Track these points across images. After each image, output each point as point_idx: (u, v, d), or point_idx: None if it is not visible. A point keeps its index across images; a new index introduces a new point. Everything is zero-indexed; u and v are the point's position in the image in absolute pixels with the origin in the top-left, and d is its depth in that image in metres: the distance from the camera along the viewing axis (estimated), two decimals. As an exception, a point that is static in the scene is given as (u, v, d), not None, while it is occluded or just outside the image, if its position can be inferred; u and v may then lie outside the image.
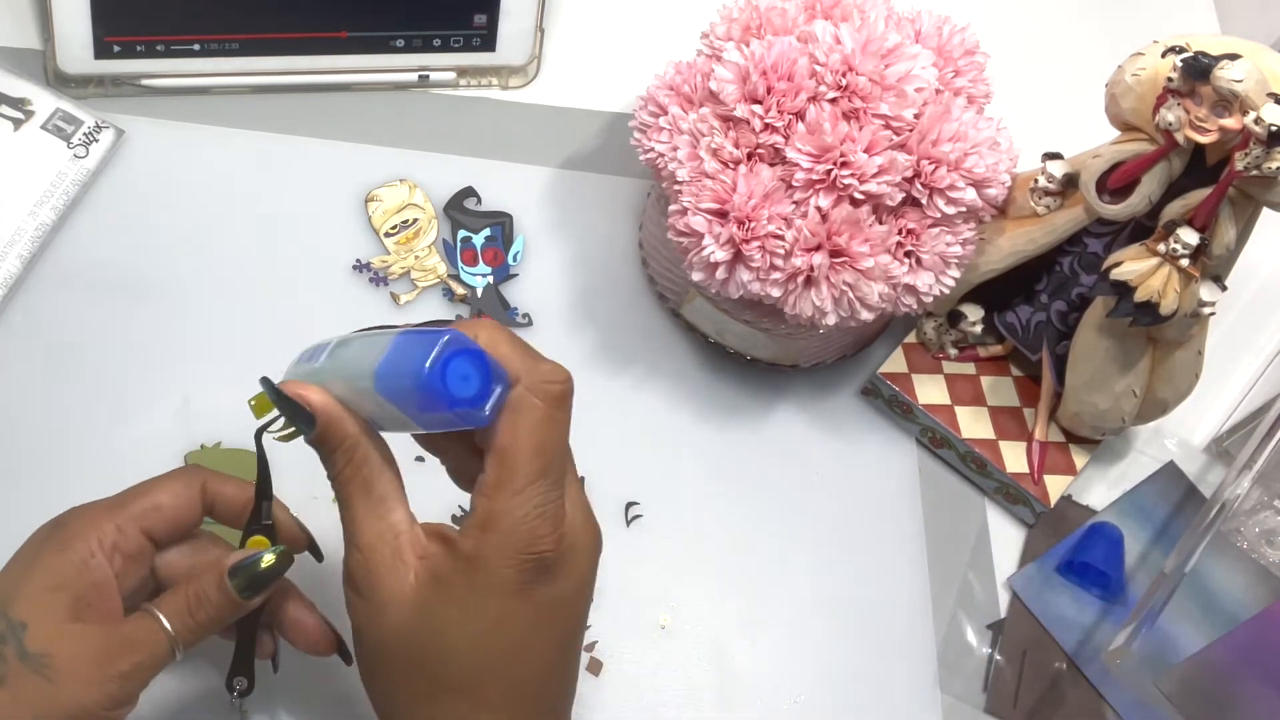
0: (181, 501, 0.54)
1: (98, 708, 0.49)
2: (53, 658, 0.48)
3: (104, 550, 0.51)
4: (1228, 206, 0.63)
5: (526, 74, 0.83)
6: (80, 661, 0.49)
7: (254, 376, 0.69)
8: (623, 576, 0.69)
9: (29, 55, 0.76)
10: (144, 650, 0.50)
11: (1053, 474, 0.74)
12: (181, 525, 0.54)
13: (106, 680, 0.49)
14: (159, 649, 0.51)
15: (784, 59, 0.64)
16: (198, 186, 0.75)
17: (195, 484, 0.55)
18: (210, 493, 0.55)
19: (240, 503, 0.55)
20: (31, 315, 0.70)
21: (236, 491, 0.55)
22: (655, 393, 0.75)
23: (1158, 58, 0.63)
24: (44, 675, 0.48)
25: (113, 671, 0.49)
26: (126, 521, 0.52)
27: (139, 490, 0.54)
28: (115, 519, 0.52)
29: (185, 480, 0.55)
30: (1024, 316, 0.74)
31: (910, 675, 0.70)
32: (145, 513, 0.53)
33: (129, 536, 0.52)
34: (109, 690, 0.49)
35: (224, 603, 0.52)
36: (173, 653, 0.51)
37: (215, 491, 0.55)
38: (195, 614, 0.51)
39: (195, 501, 0.54)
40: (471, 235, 0.77)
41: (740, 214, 0.64)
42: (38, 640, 0.49)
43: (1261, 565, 0.74)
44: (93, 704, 0.49)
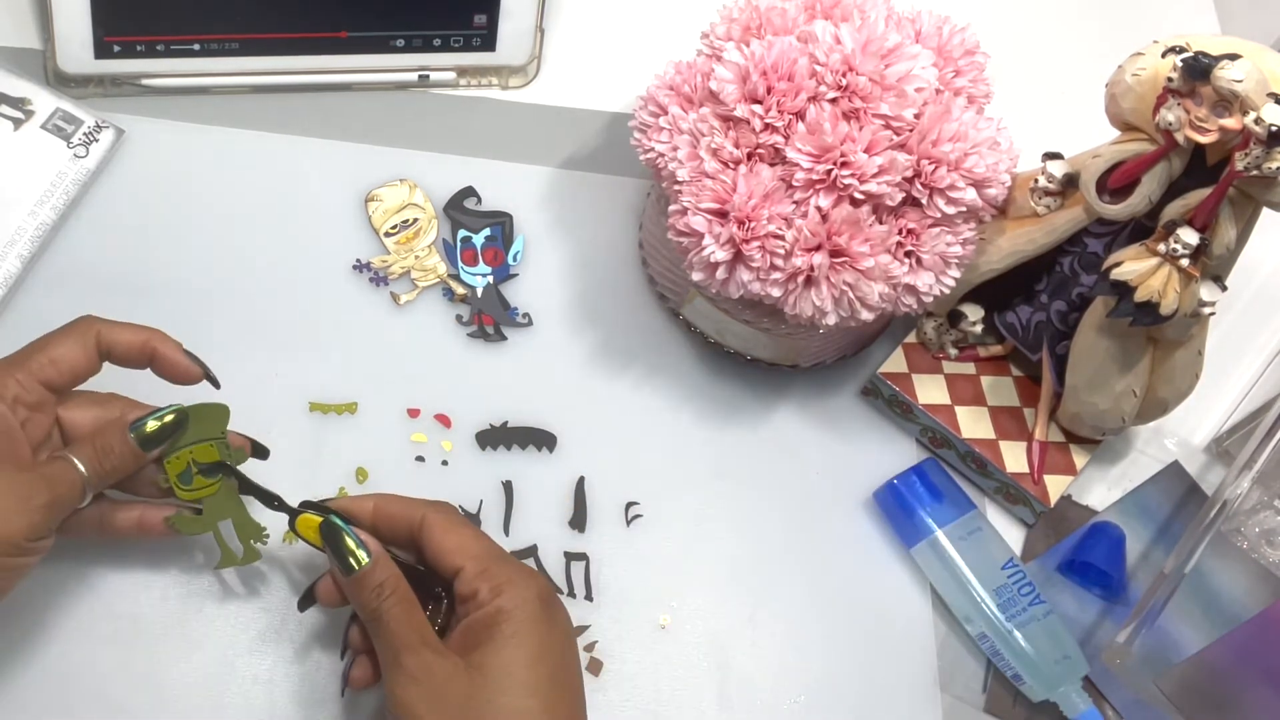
0: (77, 352, 0.58)
1: (20, 537, 0.53)
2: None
3: (6, 403, 0.56)
4: (1228, 206, 0.63)
5: (526, 74, 0.83)
6: (2, 497, 0.53)
7: (254, 376, 0.69)
8: (623, 576, 0.69)
9: (29, 55, 0.76)
10: (60, 486, 0.55)
11: (1053, 474, 0.74)
12: (79, 374, 0.58)
13: (29, 511, 0.53)
14: (73, 488, 0.55)
15: (784, 59, 0.64)
16: (198, 186, 0.75)
17: (90, 334, 0.58)
18: (105, 340, 0.58)
19: (136, 345, 0.59)
20: (31, 315, 0.69)
21: (131, 336, 0.59)
22: (655, 393, 0.75)
23: (1158, 58, 0.63)
24: None
25: (33, 504, 0.53)
26: (24, 376, 0.56)
27: (35, 345, 0.58)
28: (14, 374, 0.56)
29: (79, 331, 0.58)
30: (1024, 316, 0.74)
31: (910, 675, 0.70)
32: (42, 366, 0.57)
33: (28, 389, 0.56)
34: (31, 520, 0.53)
35: (126, 452, 0.57)
36: (84, 493, 0.56)
37: (109, 339, 0.58)
38: (103, 461, 0.56)
39: (91, 350, 0.58)
40: (471, 235, 0.77)
41: (740, 214, 0.64)
42: None
43: (1261, 565, 0.74)
44: (16, 533, 0.53)
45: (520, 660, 0.55)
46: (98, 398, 0.60)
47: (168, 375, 0.60)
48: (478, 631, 0.56)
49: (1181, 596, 0.70)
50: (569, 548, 0.69)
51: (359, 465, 0.69)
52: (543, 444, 0.72)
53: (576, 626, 0.67)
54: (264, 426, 0.68)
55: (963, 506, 0.72)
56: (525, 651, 0.55)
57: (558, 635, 0.57)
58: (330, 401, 0.70)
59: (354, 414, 0.70)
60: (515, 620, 0.55)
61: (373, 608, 0.56)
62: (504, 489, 0.70)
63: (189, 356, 0.60)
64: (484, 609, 0.56)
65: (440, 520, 0.59)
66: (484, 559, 0.58)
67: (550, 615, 0.57)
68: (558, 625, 0.57)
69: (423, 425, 0.71)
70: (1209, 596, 0.72)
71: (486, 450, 0.71)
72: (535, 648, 0.55)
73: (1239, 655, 0.69)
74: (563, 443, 0.72)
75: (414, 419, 0.71)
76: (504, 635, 0.55)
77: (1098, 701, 0.69)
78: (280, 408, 0.69)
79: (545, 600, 0.57)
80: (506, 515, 0.70)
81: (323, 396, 0.70)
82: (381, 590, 0.56)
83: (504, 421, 0.72)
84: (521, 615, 0.56)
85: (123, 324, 0.59)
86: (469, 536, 0.59)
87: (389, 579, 0.57)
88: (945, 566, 0.70)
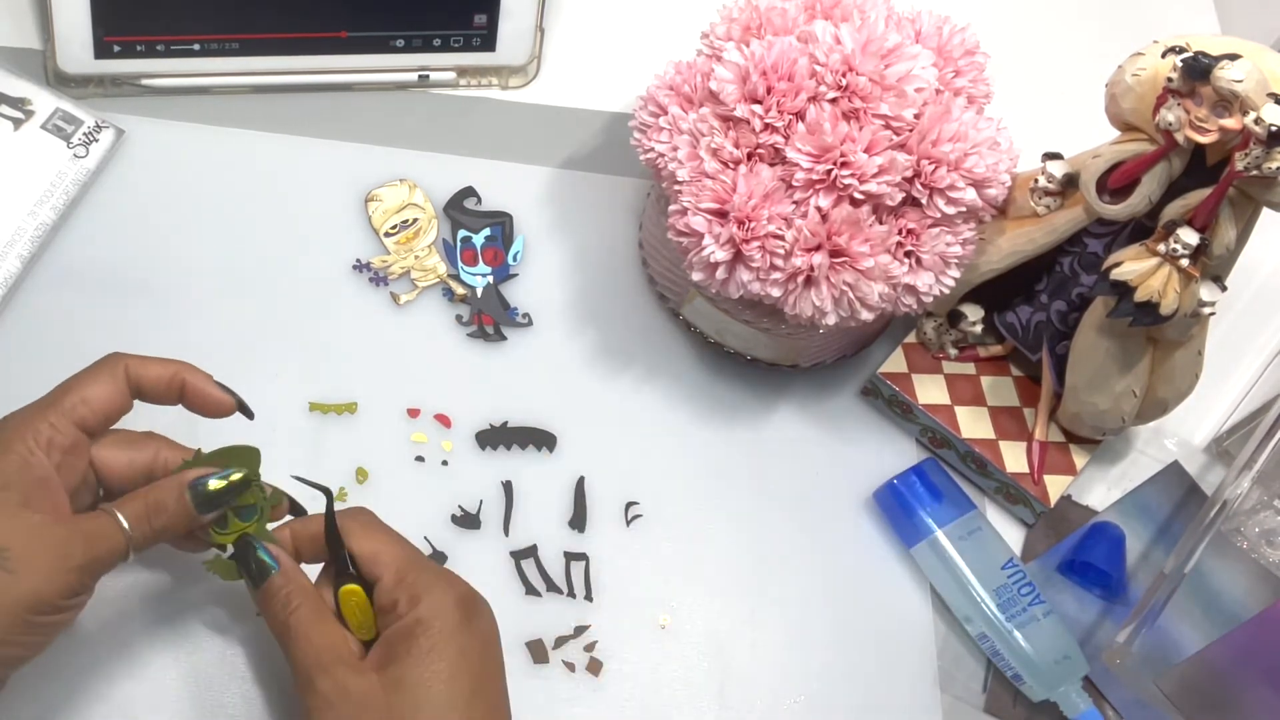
0: (109, 390, 0.56)
1: (56, 597, 0.51)
2: (10, 550, 0.50)
3: (41, 447, 0.53)
4: (1228, 206, 0.63)
5: (526, 74, 0.83)
6: (38, 553, 0.50)
7: (254, 376, 0.69)
8: (623, 576, 0.69)
9: (29, 55, 0.76)
10: (101, 546, 0.52)
11: (1053, 474, 0.74)
12: (112, 413, 0.56)
13: (65, 571, 0.51)
14: (115, 546, 0.53)
15: (784, 59, 0.64)
16: (198, 186, 0.75)
17: (119, 371, 0.56)
18: (134, 377, 0.56)
19: (165, 379, 0.57)
20: (31, 315, 0.69)
21: (160, 369, 0.57)
22: (655, 393, 0.75)
23: (1158, 58, 0.63)
24: (3, 567, 0.49)
25: (71, 563, 0.51)
26: (58, 417, 0.54)
27: (66, 386, 0.56)
28: (47, 417, 0.54)
29: (109, 368, 0.56)
30: (1024, 316, 0.74)
31: (910, 675, 0.70)
32: (75, 406, 0.55)
33: (62, 431, 0.54)
34: (67, 581, 0.51)
35: (180, 512, 0.55)
36: (127, 552, 0.53)
37: (139, 375, 0.56)
38: (153, 520, 0.54)
39: (123, 388, 0.56)
40: (471, 235, 0.77)
41: (740, 214, 0.64)
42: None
43: (1261, 565, 0.74)
44: (51, 593, 0.51)
45: (439, 674, 0.53)
46: (131, 437, 0.57)
47: (199, 409, 0.58)
48: (395, 645, 0.54)
49: (1181, 596, 0.70)
50: (569, 548, 0.69)
51: (359, 465, 0.69)
52: (543, 444, 0.72)
53: (576, 627, 0.67)
54: (264, 426, 0.68)
55: (963, 506, 0.72)
56: (445, 664, 0.53)
57: (477, 643, 0.55)
58: (330, 401, 0.70)
59: (354, 414, 0.70)
60: (433, 632, 0.54)
61: (280, 620, 0.55)
62: (504, 489, 0.70)
63: (220, 388, 0.58)
64: (402, 620, 0.54)
65: (355, 527, 0.57)
66: (402, 567, 0.56)
67: (469, 623, 0.55)
68: (477, 632, 0.56)
69: (423, 425, 0.71)
70: (1209, 596, 0.72)
71: (486, 450, 0.71)
72: (454, 659, 0.54)
73: (1239, 655, 0.69)
74: (563, 443, 0.72)
75: (414, 419, 0.71)
76: (421, 649, 0.53)
77: (1098, 701, 0.69)
78: (280, 408, 0.69)
79: (464, 607, 0.56)
80: (506, 515, 0.70)
81: (323, 396, 0.70)
82: (289, 601, 0.55)
83: (504, 421, 0.72)
84: (439, 625, 0.54)
85: (151, 358, 0.57)
86: (385, 542, 0.57)
87: (296, 590, 0.55)
88: (945, 566, 0.70)
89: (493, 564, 0.68)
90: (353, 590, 0.57)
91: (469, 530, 0.69)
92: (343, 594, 0.57)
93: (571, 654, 0.67)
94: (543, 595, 0.68)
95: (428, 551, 0.67)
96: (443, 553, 0.68)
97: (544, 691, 0.65)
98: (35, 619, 0.50)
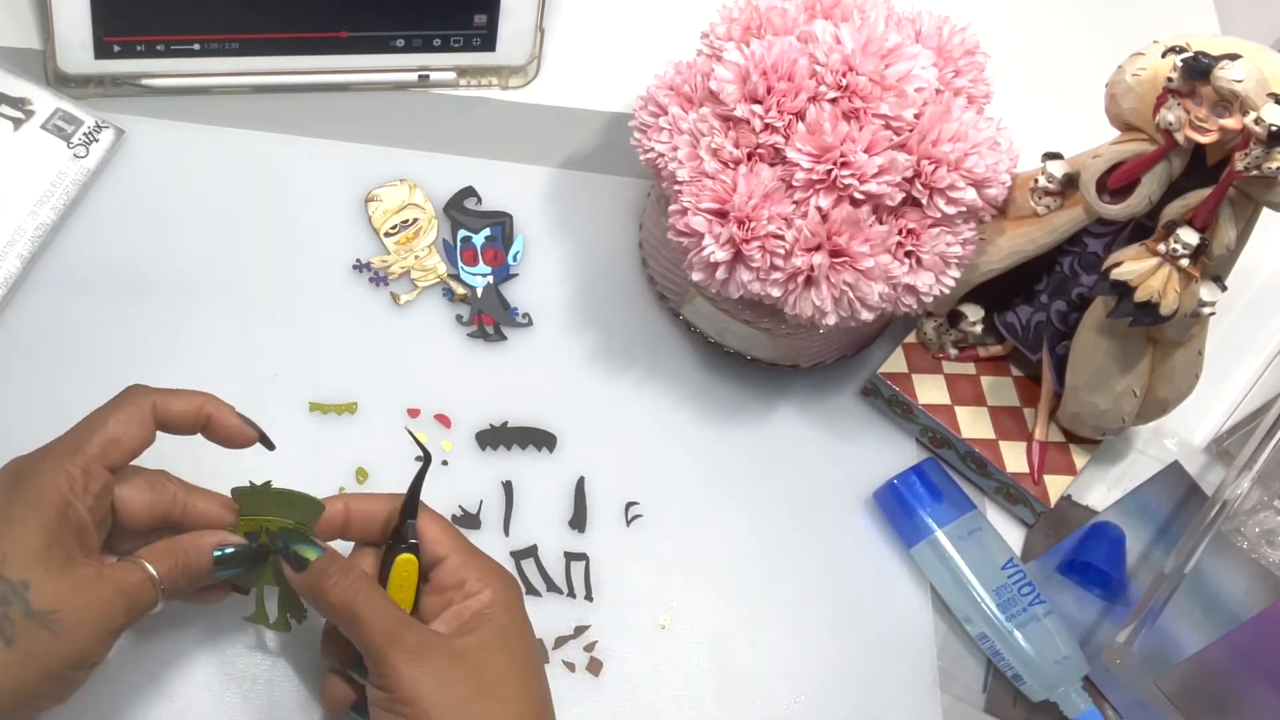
0: (136, 429, 0.55)
1: (94, 655, 0.52)
2: (61, 613, 0.50)
3: (77, 495, 0.52)
4: (1228, 206, 0.63)
5: (526, 74, 0.83)
6: (86, 612, 0.51)
7: (254, 376, 0.69)
8: (623, 576, 0.69)
9: (29, 55, 0.76)
10: (138, 601, 0.53)
11: (1053, 474, 0.74)
12: (139, 451, 0.56)
13: (108, 632, 0.52)
14: (147, 599, 0.54)
15: (784, 59, 0.64)
16: (198, 186, 0.75)
17: (146, 407, 0.56)
18: (160, 412, 0.56)
19: (190, 414, 0.57)
20: (31, 315, 0.69)
21: (185, 404, 0.57)
22: (655, 393, 0.75)
23: (1158, 58, 0.63)
24: (50, 630, 0.50)
25: (113, 625, 0.52)
26: (90, 462, 0.53)
27: (93, 426, 0.54)
28: (78, 462, 0.53)
29: (135, 405, 0.55)
30: (1024, 316, 0.74)
31: (910, 675, 0.70)
32: (105, 449, 0.54)
33: (95, 476, 0.53)
34: (106, 641, 0.52)
35: (204, 572, 0.56)
36: (156, 604, 0.54)
37: (165, 410, 0.56)
38: (180, 578, 0.55)
39: (149, 424, 0.56)
40: (471, 235, 0.77)
41: (740, 214, 0.64)
42: (44, 598, 0.50)
43: (1261, 565, 0.74)
44: (92, 651, 0.52)
45: (516, 647, 0.57)
46: (152, 479, 0.57)
47: (221, 440, 0.58)
48: (468, 619, 0.56)
49: (1181, 596, 0.70)
50: (569, 548, 0.69)
51: (359, 465, 0.69)
52: (543, 444, 0.72)
53: (576, 627, 0.67)
54: (264, 426, 0.68)
55: (963, 506, 0.72)
56: (520, 639, 0.57)
57: (531, 632, 0.59)
58: (330, 401, 0.70)
59: (354, 414, 0.70)
60: (505, 610, 0.57)
61: (344, 593, 0.55)
62: (504, 489, 0.70)
63: (242, 420, 0.58)
64: (475, 597, 0.57)
65: (421, 510, 0.59)
66: (466, 551, 0.59)
67: (525, 615, 0.59)
68: (530, 625, 0.59)
69: (423, 425, 0.71)
70: (1209, 596, 0.72)
71: (486, 450, 0.71)
72: (521, 639, 0.57)
73: (1239, 655, 0.69)
74: (563, 443, 0.72)
75: (414, 419, 0.71)
76: (498, 624, 0.56)
77: (1098, 701, 0.69)
78: (280, 408, 0.69)
79: (521, 598, 0.59)
80: (506, 515, 0.70)
81: (323, 396, 0.70)
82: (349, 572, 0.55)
83: (504, 421, 0.72)
84: (510, 610, 0.57)
85: (174, 391, 0.57)
86: (448, 529, 0.60)
87: (350, 567, 0.56)
88: (945, 566, 0.70)
89: (493, 564, 0.68)
90: (408, 560, 0.58)
91: (469, 530, 0.69)
92: (399, 563, 0.58)
93: (571, 654, 0.67)
94: (543, 595, 0.68)
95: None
96: (443, 553, 0.68)
97: (544, 691, 0.65)
98: (72, 674, 0.52)
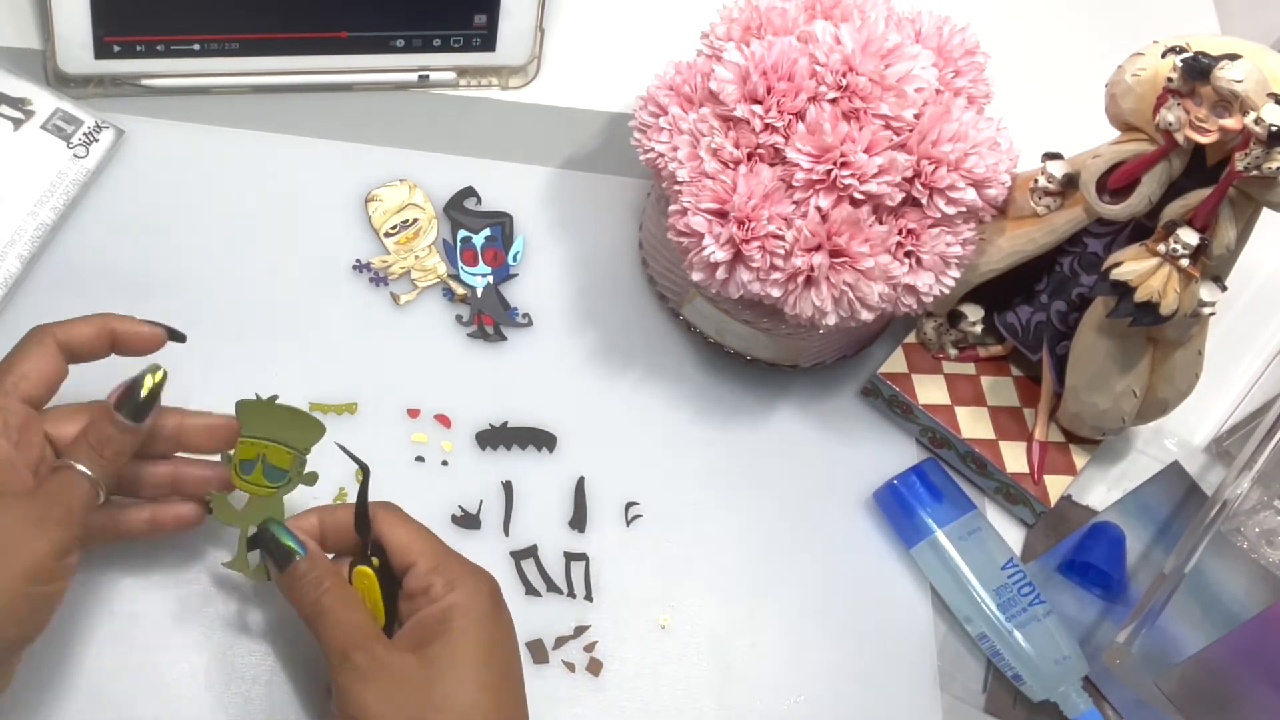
0: (43, 361, 0.56)
1: (48, 558, 0.52)
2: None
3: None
4: (1228, 207, 0.63)
5: (526, 74, 0.83)
6: (18, 528, 0.52)
7: (253, 376, 0.69)
8: (623, 576, 0.69)
9: (29, 55, 0.76)
10: (70, 495, 0.53)
11: (1053, 474, 0.74)
12: (52, 382, 0.57)
13: (46, 531, 0.52)
14: (82, 490, 0.54)
15: (784, 59, 0.64)
16: (198, 186, 0.75)
17: (48, 341, 0.57)
18: (64, 341, 0.57)
19: (93, 334, 0.57)
20: (31, 315, 0.69)
21: (85, 326, 0.57)
22: (655, 393, 0.75)
23: (1158, 58, 0.63)
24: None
25: (49, 522, 0.52)
26: (2, 399, 0.55)
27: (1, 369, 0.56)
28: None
29: (36, 340, 0.57)
30: (1024, 316, 0.74)
31: (910, 675, 0.70)
32: (15, 384, 0.56)
33: (11, 410, 0.55)
34: (52, 538, 0.52)
35: (121, 433, 0.55)
36: (97, 492, 0.54)
37: (67, 338, 0.57)
38: (103, 451, 0.54)
39: (55, 355, 0.57)
40: (471, 235, 0.77)
41: (740, 214, 0.64)
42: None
43: (1261, 565, 0.74)
44: (43, 555, 0.51)
45: (474, 656, 0.55)
46: (82, 407, 0.58)
47: (136, 350, 0.59)
48: (430, 626, 0.56)
49: (1181, 596, 0.70)
50: (569, 548, 0.69)
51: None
52: (543, 444, 0.72)
53: (576, 627, 0.67)
54: (264, 426, 0.68)
55: (963, 507, 0.72)
56: (479, 648, 0.56)
57: (505, 633, 0.58)
58: (330, 401, 0.70)
59: (354, 414, 0.70)
60: (469, 616, 0.56)
61: (311, 600, 0.56)
62: (504, 489, 0.70)
63: (147, 324, 0.59)
64: (437, 604, 0.56)
65: (389, 516, 0.59)
66: (435, 555, 0.58)
67: (499, 613, 0.57)
68: (504, 623, 0.58)
69: (423, 425, 0.71)
70: (1209, 596, 0.72)
71: (486, 450, 0.71)
72: (487, 644, 0.56)
73: (1239, 655, 0.69)
74: (563, 443, 0.72)
75: (414, 419, 0.71)
76: (458, 630, 0.55)
77: (1098, 701, 0.69)
78: (280, 408, 0.69)
79: (495, 598, 0.58)
80: (506, 515, 0.70)
81: (323, 396, 0.70)
82: (319, 582, 0.56)
83: (504, 421, 0.72)
84: (474, 611, 0.56)
85: (74, 320, 0.58)
86: (418, 533, 0.59)
87: (325, 572, 0.56)
88: (945, 566, 0.70)
89: (493, 564, 0.68)
90: (364, 572, 0.58)
91: (469, 530, 0.69)
92: (356, 574, 0.58)
93: (571, 654, 0.67)
94: (543, 595, 0.68)
95: (428, 551, 0.68)
96: (443, 553, 0.68)
97: (544, 691, 0.65)
98: (33, 590, 0.51)
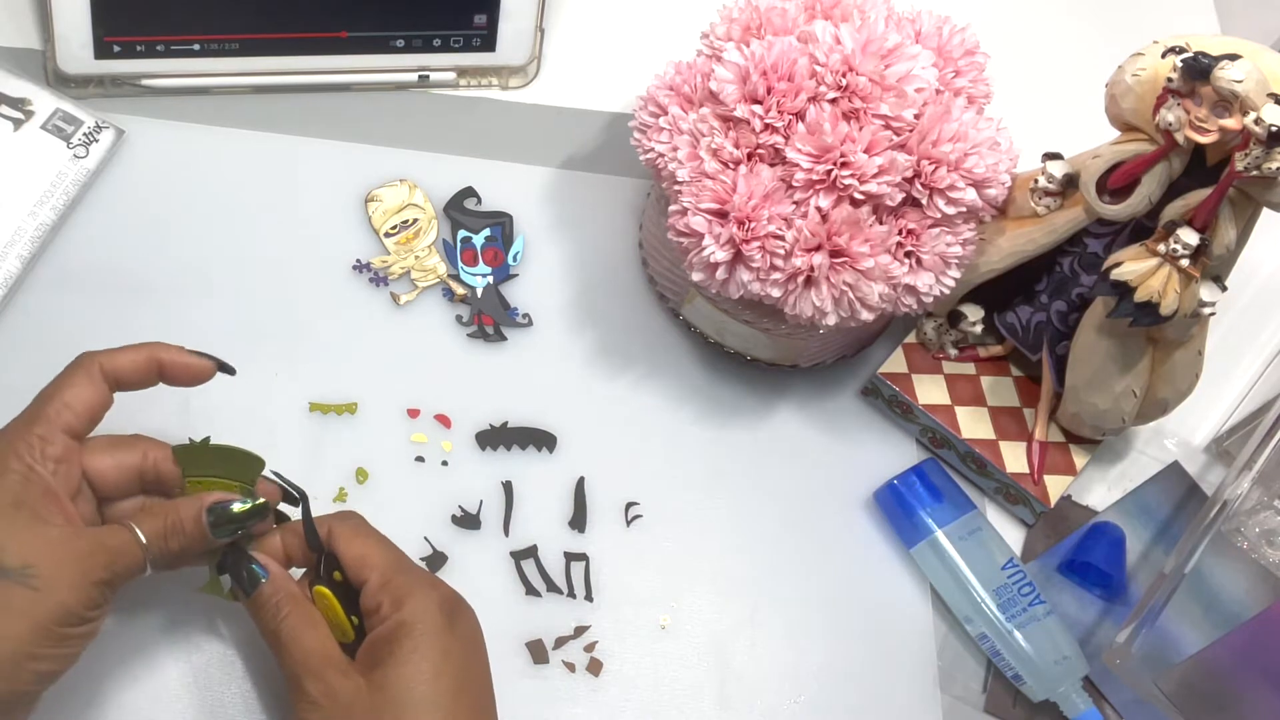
0: (88, 390, 0.56)
1: (80, 609, 0.51)
2: (36, 566, 0.50)
3: (36, 460, 0.54)
4: (1228, 207, 0.63)
5: (526, 74, 0.83)
6: (63, 565, 0.51)
7: (254, 376, 0.69)
8: (623, 576, 0.69)
9: (29, 55, 0.76)
10: (121, 559, 0.53)
11: (1053, 474, 0.74)
12: (95, 413, 0.57)
13: (89, 585, 0.51)
14: (134, 561, 0.54)
15: (784, 59, 0.64)
16: (198, 186, 0.75)
17: (94, 370, 0.56)
18: (110, 371, 0.57)
19: (141, 365, 0.57)
20: (31, 315, 0.70)
21: (133, 356, 0.57)
22: (655, 393, 0.75)
23: (1158, 58, 0.63)
24: (29, 585, 0.50)
25: (93, 578, 0.52)
26: (45, 428, 0.55)
27: (46, 396, 0.56)
28: (34, 430, 0.54)
29: (82, 368, 0.56)
30: (1024, 316, 0.74)
31: (910, 675, 0.70)
32: (59, 413, 0.55)
33: (52, 441, 0.55)
34: (90, 594, 0.51)
35: (197, 534, 0.55)
36: (145, 567, 0.54)
37: (114, 368, 0.57)
38: (170, 540, 0.54)
39: (100, 386, 0.56)
40: (471, 235, 0.77)
41: (740, 214, 0.64)
42: (14, 555, 0.50)
43: (1262, 565, 0.74)
44: (76, 605, 0.51)
45: (422, 674, 0.54)
46: (116, 440, 0.58)
47: (183, 380, 0.58)
48: (380, 647, 0.55)
49: (1181, 596, 0.70)
50: (569, 548, 0.69)
51: (359, 465, 0.69)
52: (543, 444, 0.72)
53: (576, 627, 0.67)
54: (264, 427, 0.68)
55: (963, 507, 0.72)
56: (428, 664, 0.54)
57: (460, 645, 0.56)
58: (330, 401, 0.70)
59: (354, 414, 0.70)
60: (416, 634, 0.54)
61: (271, 628, 0.56)
62: (504, 489, 0.70)
63: (195, 354, 0.58)
64: (386, 623, 0.55)
65: (344, 531, 0.58)
66: (387, 570, 0.57)
67: (452, 625, 0.56)
68: (460, 634, 0.56)
69: (423, 425, 0.71)
70: (1209, 596, 0.72)
71: (486, 450, 0.71)
72: (437, 659, 0.54)
73: (1239, 655, 0.69)
74: (563, 443, 0.72)
75: (414, 419, 0.71)
76: (405, 651, 0.54)
77: (1098, 701, 0.69)
78: (280, 408, 0.69)
79: (447, 609, 0.56)
80: (506, 515, 0.70)
81: (323, 396, 0.70)
82: (279, 609, 0.56)
83: (504, 421, 0.72)
84: (422, 628, 0.55)
85: (121, 348, 0.57)
86: (373, 546, 0.58)
87: (286, 597, 0.56)
88: (945, 566, 0.70)
89: (493, 564, 0.68)
90: (322, 593, 0.57)
91: (469, 530, 0.69)
92: (315, 595, 0.58)
93: (571, 654, 0.67)
94: (543, 595, 0.68)
95: (428, 552, 0.67)
96: (443, 553, 0.67)
97: (544, 691, 0.65)
98: (62, 631, 0.51)
